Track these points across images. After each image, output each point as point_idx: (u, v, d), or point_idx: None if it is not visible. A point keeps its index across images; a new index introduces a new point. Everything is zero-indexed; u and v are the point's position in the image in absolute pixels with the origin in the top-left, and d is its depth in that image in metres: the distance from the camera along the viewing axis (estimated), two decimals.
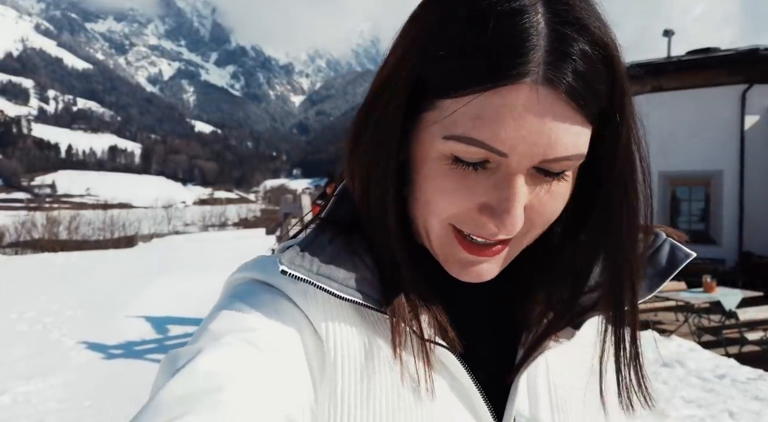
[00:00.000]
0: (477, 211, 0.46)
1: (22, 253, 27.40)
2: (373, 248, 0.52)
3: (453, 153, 0.45)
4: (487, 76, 0.42)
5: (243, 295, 0.50)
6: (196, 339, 0.45)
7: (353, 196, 0.55)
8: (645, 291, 0.54)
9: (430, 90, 0.46)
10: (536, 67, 0.41)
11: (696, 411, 4.23)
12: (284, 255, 0.48)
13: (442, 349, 0.50)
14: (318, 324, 0.49)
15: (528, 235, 0.49)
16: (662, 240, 0.57)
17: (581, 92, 0.42)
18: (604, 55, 0.44)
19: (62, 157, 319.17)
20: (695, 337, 7.15)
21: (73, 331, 8.69)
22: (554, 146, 0.43)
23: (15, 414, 5.29)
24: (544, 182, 0.46)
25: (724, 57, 12.24)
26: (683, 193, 13.23)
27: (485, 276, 0.49)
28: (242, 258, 3.72)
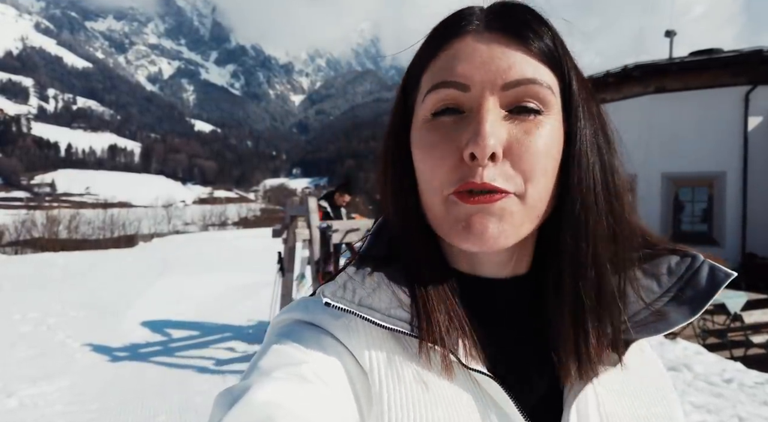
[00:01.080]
0: (464, 153, 0.48)
1: (21, 253, 27.38)
2: (409, 275, 0.54)
3: (430, 109, 0.51)
4: (441, 37, 0.53)
5: (288, 334, 0.52)
6: (248, 376, 0.47)
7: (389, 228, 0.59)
8: (687, 314, 0.53)
9: (413, 80, 0.56)
10: (478, 22, 0.52)
11: (706, 417, 4.22)
12: (326, 289, 0.50)
13: (486, 378, 0.50)
14: (362, 357, 0.50)
15: (527, 193, 0.49)
16: (700, 262, 0.57)
17: (523, 32, 0.50)
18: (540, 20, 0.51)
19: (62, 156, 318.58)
20: (700, 340, 7.14)
21: (77, 332, 8.68)
22: (511, 70, 0.48)
23: (22, 418, 5.27)
24: (518, 121, 0.49)
25: (728, 58, 12.23)
26: (686, 194, 13.22)
27: (490, 230, 0.49)
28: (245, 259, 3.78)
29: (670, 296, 0.55)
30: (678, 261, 0.57)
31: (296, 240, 6.47)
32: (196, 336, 8.30)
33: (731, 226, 12.27)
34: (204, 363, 6.82)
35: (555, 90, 0.51)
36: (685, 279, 0.55)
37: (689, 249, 0.58)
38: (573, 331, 0.53)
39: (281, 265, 6.94)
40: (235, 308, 10.28)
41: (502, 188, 0.49)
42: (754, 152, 12.02)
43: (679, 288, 0.55)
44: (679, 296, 0.54)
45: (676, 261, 0.57)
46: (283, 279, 6.93)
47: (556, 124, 0.51)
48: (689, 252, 0.58)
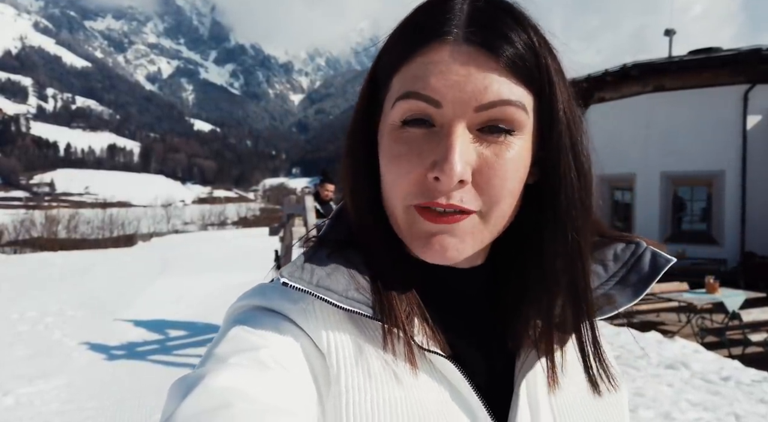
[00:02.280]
0: (428, 174, 0.48)
1: (21, 252, 27.36)
2: (368, 260, 0.55)
3: (400, 117, 0.50)
4: (416, 40, 0.50)
5: (245, 320, 0.51)
6: (203, 364, 0.46)
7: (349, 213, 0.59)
8: (631, 297, 0.56)
9: (382, 77, 0.55)
10: (458, 30, 0.49)
11: (702, 414, 4.22)
12: (285, 270, 0.51)
13: (440, 358, 0.51)
14: (319, 340, 0.50)
15: (490, 214, 0.50)
16: (643, 248, 0.60)
17: (502, 50, 0.48)
18: (524, 30, 0.49)
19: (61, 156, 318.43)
20: (698, 338, 7.14)
21: (74, 332, 8.67)
22: (484, 92, 0.47)
23: (18, 416, 5.27)
24: (489, 143, 0.49)
25: (727, 57, 12.23)
26: (685, 193, 13.23)
27: (450, 251, 0.50)
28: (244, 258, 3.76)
29: (616, 280, 0.57)
30: (623, 247, 0.60)
31: (293, 238, 6.46)
32: (193, 335, 8.29)
33: (730, 225, 12.27)
34: None
35: (529, 108, 0.50)
36: (629, 264, 0.58)
37: (634, 236, 0.61)
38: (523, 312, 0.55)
39: (278, 263, 6.93)
40: None
41: (467, 209, 0.49)
42: (753, 151, 12.03)
43: (623, 273, 0.58)
44: (624, 280, 0.57)
45: (622, 248, 0.60)
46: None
47: (526, 143, 0.51)
48: (633, 239, 0.61)
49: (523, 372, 0.54)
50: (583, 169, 0.54)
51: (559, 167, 0.52)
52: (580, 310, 0.54)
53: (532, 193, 0.54)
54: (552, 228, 0.53)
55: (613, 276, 0.58)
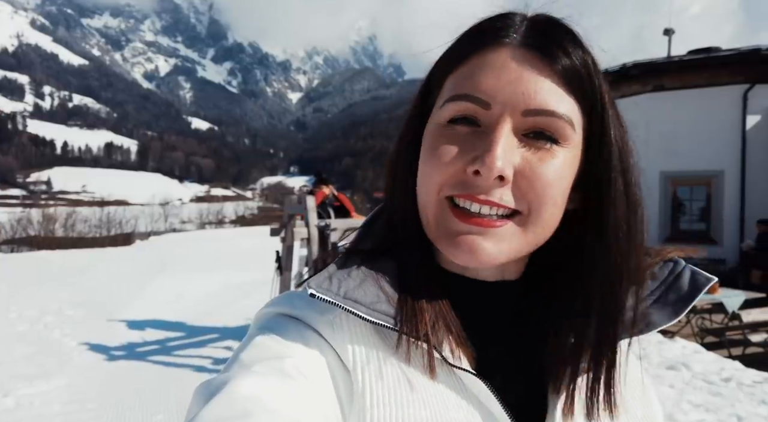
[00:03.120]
0: (467, 168, 0.48)
1: (18, 251, 27.28)
2: (399, 272, 0.54)
3: (447, 116, 0.51)
4: (474, 42, 0.51)
5: (271, 327, 0.51)
6: (228, 369, 0.46)
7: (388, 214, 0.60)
8: (670, 316, 0.55)
9: (436, 79, 0.55)
10: (516, 35, 0.50)
11: (704, 416, 4.22)
12: (312, 281, 0.50)
13: (470, 376, 0.50)
14: (345, 354, 0.50)
15: (530, 219, 0.50)
16: (682, 266, 0.59)
17: (558, 58, 0.48)
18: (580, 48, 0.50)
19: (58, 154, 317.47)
20: (698, 339, 7.14)
21: (74, 331, 8.65)
22: (534, 97, 0.48)
23: (19, 417, 5.26)
24: (534, 148, 0.49)
25: (726, 57, 12.23)
26: (684, 193, 13.23)
27: (479, 252, 0.49)
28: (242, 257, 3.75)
29: (654, 299, 0.56)
30: (661, 265, 0.59)
31: (294, 239, 6.45)
32: (193, 335, 8.28)
33: (729, 225, 12.28)
34: (201, 363, 6.81)
35: (576, 123, 0.50)
36: (667, 283, 0.57)
37: (672, 253, 0.60)
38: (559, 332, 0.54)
39: (279, 264, 6.92)
40: (232, 307, 10.26)
41: (507, 206, 0.49)
42: (752, 151, 12.03)
43: (662, 292, 0.57)
44: (662, 299, 0.56)
45: (660, 266, 0.59)
46: (281, 278, 6.91)
47: (572, 157, 0.51)
48: (671, 257, 0.60)
49: (558, 392, 0.53)
50: (634, 197, 0.53)
51: (609, 188, 0.51)
52: (606, 335, 0.53)
53: (573, 219, 0.54)
54: (596, 251, 0.52)
55: (651, 294, 0.57)
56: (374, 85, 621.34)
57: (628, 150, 0.54)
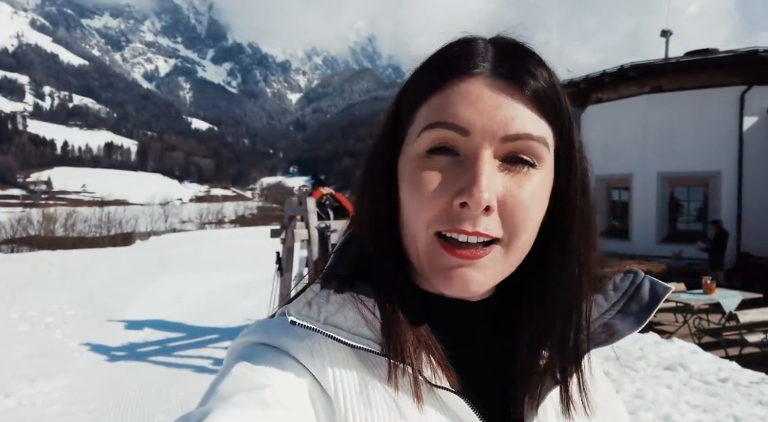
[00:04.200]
0: (454, 201, 0.49)
1: (18, 250, 27.31)
2: (376, 295, 0.54)
3: (425, 146, 0.51)
4: (447, 71, 0.52)
5: (249, 356, 0.50)
6: (206, 401, 0.45)
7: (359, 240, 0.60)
8: (633, 325, 0.57)
9: (407, 109, 0.55)
10: (486, 64, 0.51)
11: (702, 416, 4.26)
12: (292, 307, 0.49)
13: (449, 393, 0.50)
14: (325, 380, 0.50)
15: (512, 244, 0.51)
16: (641, 277, 0.61)
17: (530, 84, 0.50)
18: (547, 71, 0.52)
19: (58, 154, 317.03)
20: (695, 339, 7.19)
21: (75, 332, 8.70)
22: (511, 123, 0.49)
23: (20, 418, 5.30)
24: (513, 173, 0.50)
25: (724, 58, 12.29)
26: (682, 194, 13.29)
27: (471, 285, 0.50)
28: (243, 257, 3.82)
29: (617, 310, 0.58)
30: (621, 277, 0.61)
31: (294, 240, 6.48)
32: (193, 335, 8.32)
33: (726, 225, 12.31)
34: (202, 363, 6.85)
35: (550, 144, 0.52)
36: (629, 294, 0.59)
37: (631, 266, 0.63)
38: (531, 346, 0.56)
39: (279, 265, 6.96)
40: (232, 307, 10.30)
41: (493, 236, 0.50)
42: (749, 152, 12.09)
43: (624, 302, 0.59)
44: (625, 309, 0.58)
45: (620, 278, 0.61)
46: (282, 279, 6.94)
47: (547, 177, 0.52)
48: (630, 269, 0.62)
49: (532, 403, 0.54)
50: (591, 208, 0.56)
51: (575, 205, 0.54)
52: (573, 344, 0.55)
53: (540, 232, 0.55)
54: (560, 264, 0.54)
55: (614, 306, 0.59)
56: (373, 85, 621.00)
57: (586, 164, 0.56)
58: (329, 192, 7.44)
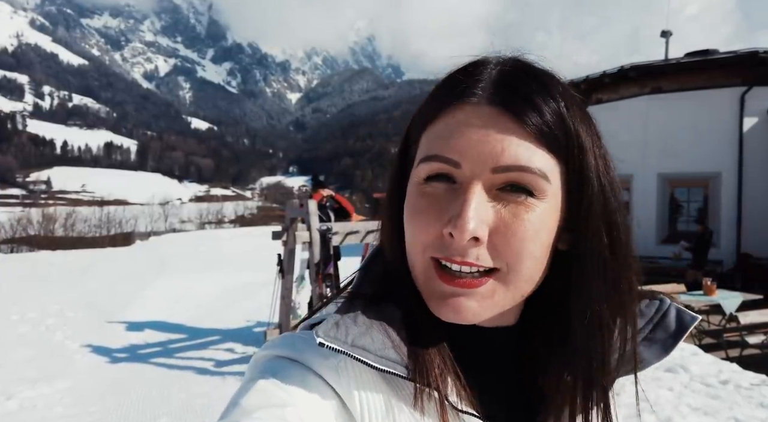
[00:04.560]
0: (443, 230, 0.49)
1: (17, 250, 27.31)
2: (403, 319, 0.54)
3: (423, 175, 0.51)
4: (442, 101, 0.52)
5: (273, 371, 0.50)
6: (228, 414, 0.45)
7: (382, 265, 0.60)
8: (659, 353, 0.56)
9: (414, 135, 0.56)
10: (481, 92, 0.50)
11: (703, 419, 4.27)
12: (320, 329, 0.49)
13: (474, 419, 0.51)
14: (351, 401, 0.49)
15: (510, 275, 0.50)
16: (667, 305, 0.60)
17: (524, 112, 0.48)
18: (550, 95, 0.50)
19: (57, 153, 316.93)
20: (695, 340, 7.19)
21: (76, 333, 8.69)
22: (502, 154, 0.48)
23: (22, 420, 5.30)
24: (508, 202, 0.49)
25: (724, 59, 12.29)
26: (682, 194, 13.30)
27: (464, 312, 0.50)
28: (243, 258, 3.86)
29: (642, 337, 0.57)
30: (647, 303, 0.60)
31: (296, 242, 6.49)
32: (194, 336, 8.32)
33: (726, 227, 12.34)
34: (204, 365, 6.85)
35: (553, 175, 0.50)
36: (654, 321, 0.58)
37: (655, 292, 0.61)
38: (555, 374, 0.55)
39: (281, 267, 6.96)
40: (233, 309, 10.30)
41: (483, 266, 0.49)
42: (750, 153, 12.09)
43: (650, 330, 0.58)
44: (650, 337, 0.57)
45: (646, 304, 0.60)
46: (283, 281, 6.95)
47: (549, 207, 0.50)
48: (656, 295, 0.61)
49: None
50: (618, 240, 0.53)
51: (587, 235, 0.51)
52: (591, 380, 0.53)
53: (565, 258, 0.53)
54: (577, 296, 0.53)
55: (639, 333, 0.57)
56: (373, 85, 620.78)
57: (613, 191, 0.53)
58: (329, 193, 7.45)
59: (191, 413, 5.30)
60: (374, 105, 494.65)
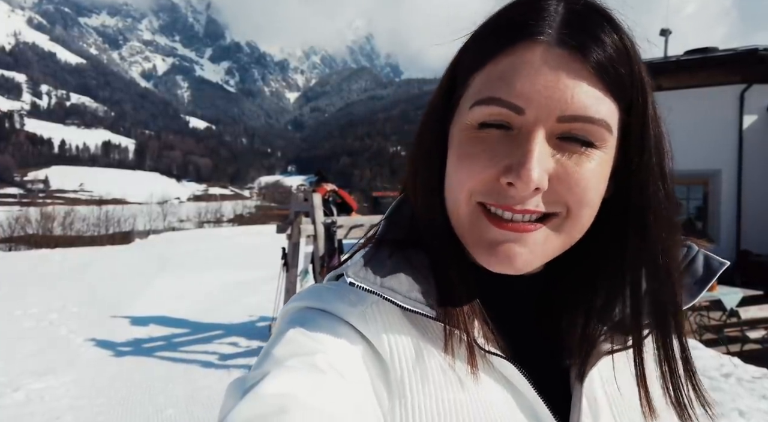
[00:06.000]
0: (500, 177, 0.47)
1: (15, 249, 27.30)
2: (429, 261, 0.55)
3: (478, 120, 0.49)
4: (506, 38, 0.48)
5: (302, 321, 0.50)
6: (260, 364, 0.46)
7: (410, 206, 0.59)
8: (687, 298, 0.56)
9: (463, 75, 0.52)
10: (551, 31, 0.46)
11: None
12: (349, 269, 0.50)
13: (501, 360, 0.51)
14: (380, 344, 0.50)
15: (569, 220, 0.49)
16: (695, 251, 0.59)
17: (596, 56, 0.46)
18: (620, 38, 0.47)
19: (55, 152, 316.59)
20: (696, 335, 7.25)
21: (80, 328, 8.72)
22: (570, 103, 0.45)
23: (30, 411, 5.33)
24: (569, 151, 0.48)
25: (723, 57, 12.33)
26: (681, 192, 13.33)
27: (516, 260, 0.49)
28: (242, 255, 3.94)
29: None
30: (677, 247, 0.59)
31: (300, 235, 6.53)
32: (198, 331, 8.36)
33: (726, 224, 12.39)
34: (208, 358, 6.89)
35: (614, 125, 0.48)
36: (683, 267, 0.57)
37: (685, 238, 0.60)
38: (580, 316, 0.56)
39: (285, 261, 7.01)
40: (235, 304, 10.33)
41: (544, 211, 0.48)
42: (749, 150, 12.14)
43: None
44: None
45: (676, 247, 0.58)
46: (287, 275, 6.99)
47: (607, 158, 0.50)
48: (684, 241, 0.60)
49: (580, 373, 0.54)
50: (669, 188, 0.54)
51: (648, 187, 0.51)
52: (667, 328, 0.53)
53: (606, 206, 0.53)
54: (638, 248, 0.52)
55: None
56: (371, 84, 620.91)
57: (664, 141, 0.54)
58: (332, 188, 7.50)
59: (197, 405, 5.34)
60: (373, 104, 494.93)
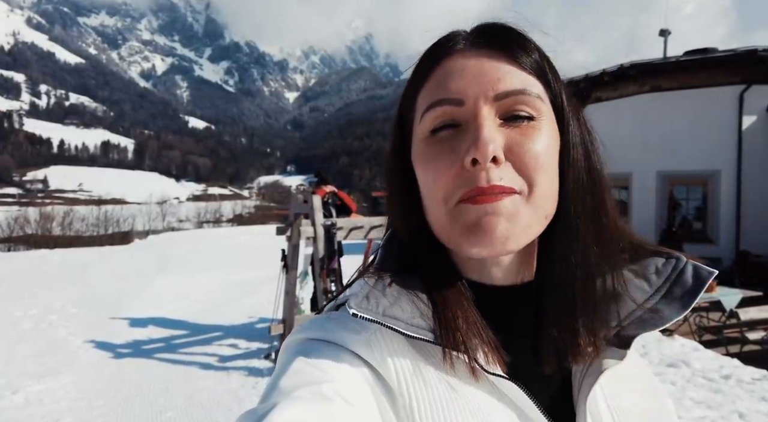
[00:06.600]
0: (465, 160, 0.50)
1: (14, 249, 27.24)
2: (425, 286, 0.56)
3: (429, 128, 0.54)
4: (432, 59, 0.56)
5: (307, 352, 0.51)
6: (268, 396, 0.47)
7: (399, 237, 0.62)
8: (679, 310, 0.56)
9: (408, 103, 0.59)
10: (465, 42, 0.55)
11: (707, 413, 4.32)
12: (351, 301, 0.51)
13: (506, 381, 0.51)
14: (386, 371, 0.51)
15: (532, 192, 0.52)
16: (684, 263, 0.60)
17: (509, 46, 0.54)
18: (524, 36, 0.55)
19: (54, 152, 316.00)
20: (696, 336, 7.25)
21: (79, 329, 8.70)
22: (500, 81, 0.52)
23: (29, 413, 5.32)
24: (513, 127, 0.52)
25: (723, 57, 12.33)
26: (681, 193, 13.35)
27: (500, 234, 0.50)
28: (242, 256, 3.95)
29: (661, 294, 0.58)
30: (663, 262, 0.61)
31: (300, 237, 6.52)
32: (197, 332, 8.34)
33: (725, 224, 12.40)
34: (207, 360, 6.88)
35: (545, 99, 0.54)
36: (672, 279, 0.59)
37: (671, 250, 0.63)
38: (563, 329, 0.56)
39: (285, 262, 6.99)
40: (235, 305, 10.32)
41: (508, 187, 0.50)
42: (749, 151, 12.15)
43: (668, 288, 0.58)
44: (669, 294, 0.58)
45: (662, 263, 0.61)
46: (287, 276, 6.98)
47: (551, 127, 0.54)
48: (672, 253, 0.62)
49: (582, 388, 0.55)
50: (595, 168, 0.57)
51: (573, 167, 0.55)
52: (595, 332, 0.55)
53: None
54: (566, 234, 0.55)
55: (658, 291, 0.59)
56: (371, 84, 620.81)
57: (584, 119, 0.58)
58: (332, 190, 7.48)
59: (196, 407, 5.33)
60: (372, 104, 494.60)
